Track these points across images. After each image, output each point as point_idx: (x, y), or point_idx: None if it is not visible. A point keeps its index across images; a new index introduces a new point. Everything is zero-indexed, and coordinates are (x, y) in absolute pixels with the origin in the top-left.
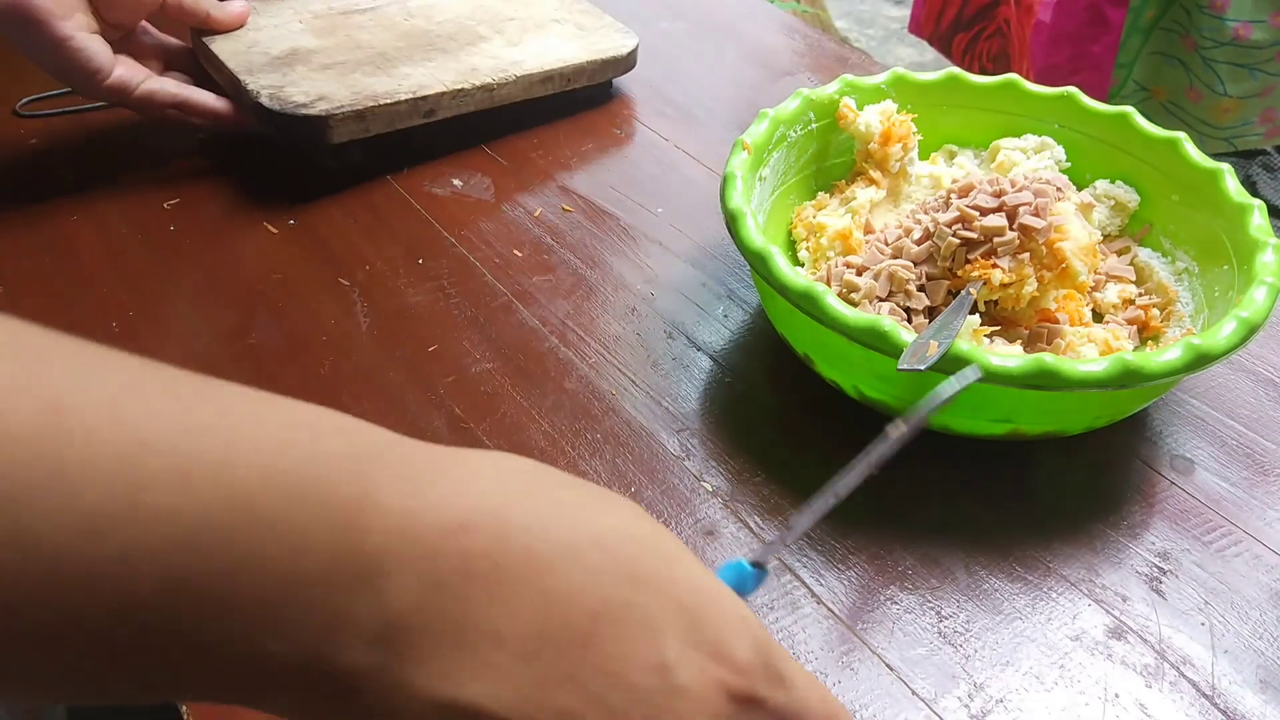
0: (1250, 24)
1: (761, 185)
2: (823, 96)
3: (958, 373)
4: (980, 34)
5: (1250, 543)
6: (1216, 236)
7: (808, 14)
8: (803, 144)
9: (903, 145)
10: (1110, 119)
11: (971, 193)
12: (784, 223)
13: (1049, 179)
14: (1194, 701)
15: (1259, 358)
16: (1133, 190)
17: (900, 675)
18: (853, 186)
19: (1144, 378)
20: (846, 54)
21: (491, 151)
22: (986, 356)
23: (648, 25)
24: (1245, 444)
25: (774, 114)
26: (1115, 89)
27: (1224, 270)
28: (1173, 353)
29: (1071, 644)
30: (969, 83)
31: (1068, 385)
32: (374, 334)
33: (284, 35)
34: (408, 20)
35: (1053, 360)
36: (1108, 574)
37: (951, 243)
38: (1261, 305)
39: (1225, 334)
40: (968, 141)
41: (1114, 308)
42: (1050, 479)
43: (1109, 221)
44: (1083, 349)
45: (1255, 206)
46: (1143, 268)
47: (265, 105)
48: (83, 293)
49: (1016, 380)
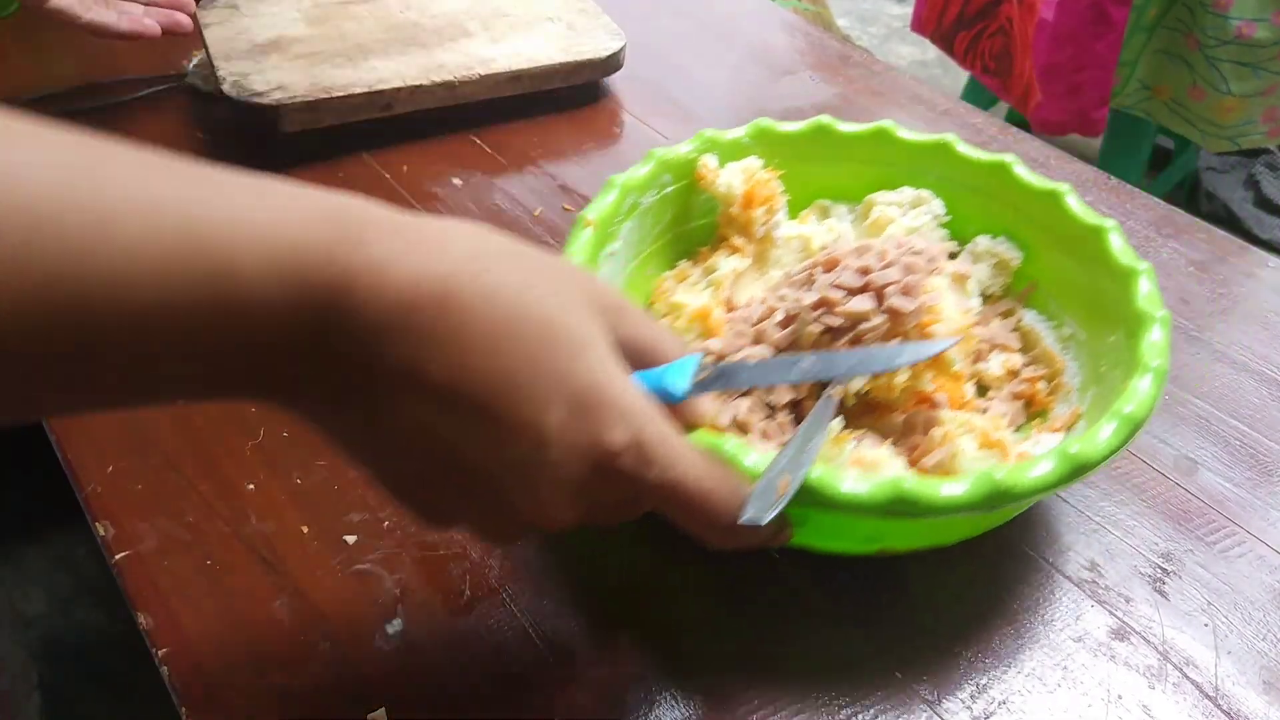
0: (1254, 22)
1: (613, 260)
2: (678, 156)
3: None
4: (982, 32)
5: (1253, 543)
6: (1103, 301)
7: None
8: (658, 210)
9: (767, 208)
10: (989, 169)
11: (837, 267)
12: (644, 295)
13: (921, 248)
14: (1197, 703)
15: (1262, 357)
16: (1015, 247)
17: (903, 677)
18: (716, 254)
19: (1013, 498)
20: (848, 52)
21: (492, 150)
22: (838, 484)
23: (649, 23)
24: (1248, 444)
25: (622, 181)
26: (1118, 87)
27: (1111, 342)
28: (1044, 466)
29: (1074, 645)
30: (838, 133)
31: (929, 512)
32: None
33: (275, 23)
34: (403, 13)
35: (911, 485)
36: (1110, 574)
37: (812, 331)
38: (1145, 397)
39: (1104, 437)
40: (842, 194)
41: (998, 380)
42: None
43: (991, 281)
44: (960, 440)
45: (1143, 271)
46: (1028, 332)
47: (226, 92)
48: None
49: (873, 510)
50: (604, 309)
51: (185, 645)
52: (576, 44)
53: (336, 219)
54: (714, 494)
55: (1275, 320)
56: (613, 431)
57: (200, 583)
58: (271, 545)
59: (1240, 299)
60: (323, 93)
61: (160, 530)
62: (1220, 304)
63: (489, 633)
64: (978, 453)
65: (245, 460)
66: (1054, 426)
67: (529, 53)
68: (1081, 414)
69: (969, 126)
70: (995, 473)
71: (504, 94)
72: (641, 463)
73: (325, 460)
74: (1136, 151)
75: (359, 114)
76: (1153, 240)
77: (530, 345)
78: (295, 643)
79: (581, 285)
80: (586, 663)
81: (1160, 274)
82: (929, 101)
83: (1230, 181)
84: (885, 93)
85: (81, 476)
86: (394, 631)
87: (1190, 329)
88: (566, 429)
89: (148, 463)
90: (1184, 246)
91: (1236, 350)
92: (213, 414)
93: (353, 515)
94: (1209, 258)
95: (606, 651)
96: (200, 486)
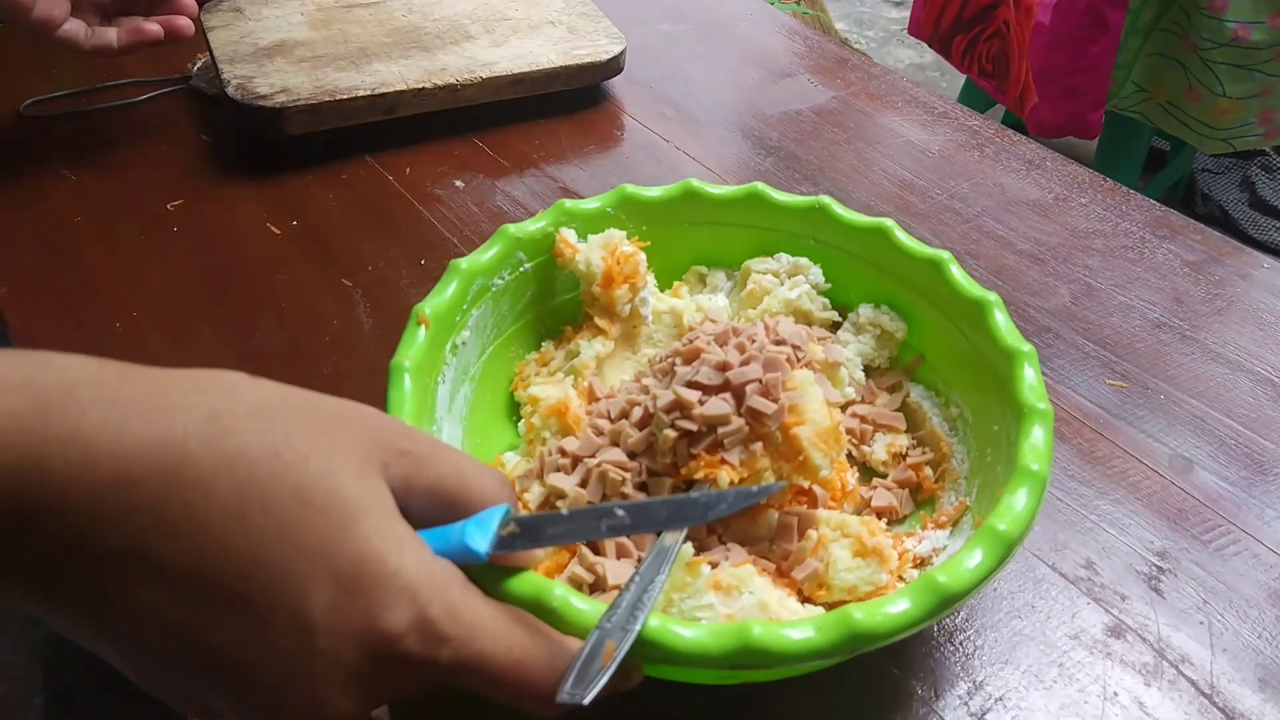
0: (1249, 25)
1: (464, 350)
2: (533, 232)
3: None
4: (979, 36)
5: (1249, 542)
6: (986, 383)
7: (808, 15)
8: (517, 288)
9: (630, 285)
10: (866, 233)
11: (695, 361)
12: (506, 381)
13: (787, 335)
14: (1193, 700)
15: (1257, 357)
16: (899, 317)
17: (900, 674)
18: (579, 335)
19: (873, 641)
20: (846, 55)
21: (493, 152)
22: (677, 634)
23: (648, 27)
24: (1244, 443)
25: (466, 266)
26: (1114, 90)
27: (995, 431)
28: (903, 603)
29: (1070, 642)
30: (708, 195)
31: (779, 662)
32: (377, 334)
33: (280, 27)
34: (406, 16)
35: (759, 634)
36: (1106, 573)
37: (668, 436)
38: (1021, 512)
39: (974, 564)
40: (719, 259)
41: (884, 464)
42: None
43: (876, 353)
44: (833, 548)
45: (1026, 354)
46: (915, 410)
47: (230, 95)
48: (86, 293)
49: (718, 663)
50: (395, 458)
51: None
52: (577, 47)
53: (34, 384)
54: (525, 665)
55: (1270, 320)
56: (390, 612)
57: None
58: None
59: (1235, 299)
60: (326, 95)
61: None
62: (1215, 304)
63: None
64: (852, 562)
65: None
66: (940, 521)
67: (530, 56)
68: (968, 507)
69: (966, 129)
70: (853, 612)
71: (506, 97)
72: (430, 643)
73: None
74: (1132, 153)
75: (362, 116)
76: (1148, 241)
77: (282, 519)
78: None
79: (360, 437)
80: None
81: (1155, 275)
82: (926, 104)
83: (1226, 183)
84: (883, 96)
85: None
86: None
87: (1185, 329)
88: (335, 612)
89: None
90: (1179, 248)
91: (1231, 350)
92: None
93: None
94: (1204, 259)
95: None
96: None
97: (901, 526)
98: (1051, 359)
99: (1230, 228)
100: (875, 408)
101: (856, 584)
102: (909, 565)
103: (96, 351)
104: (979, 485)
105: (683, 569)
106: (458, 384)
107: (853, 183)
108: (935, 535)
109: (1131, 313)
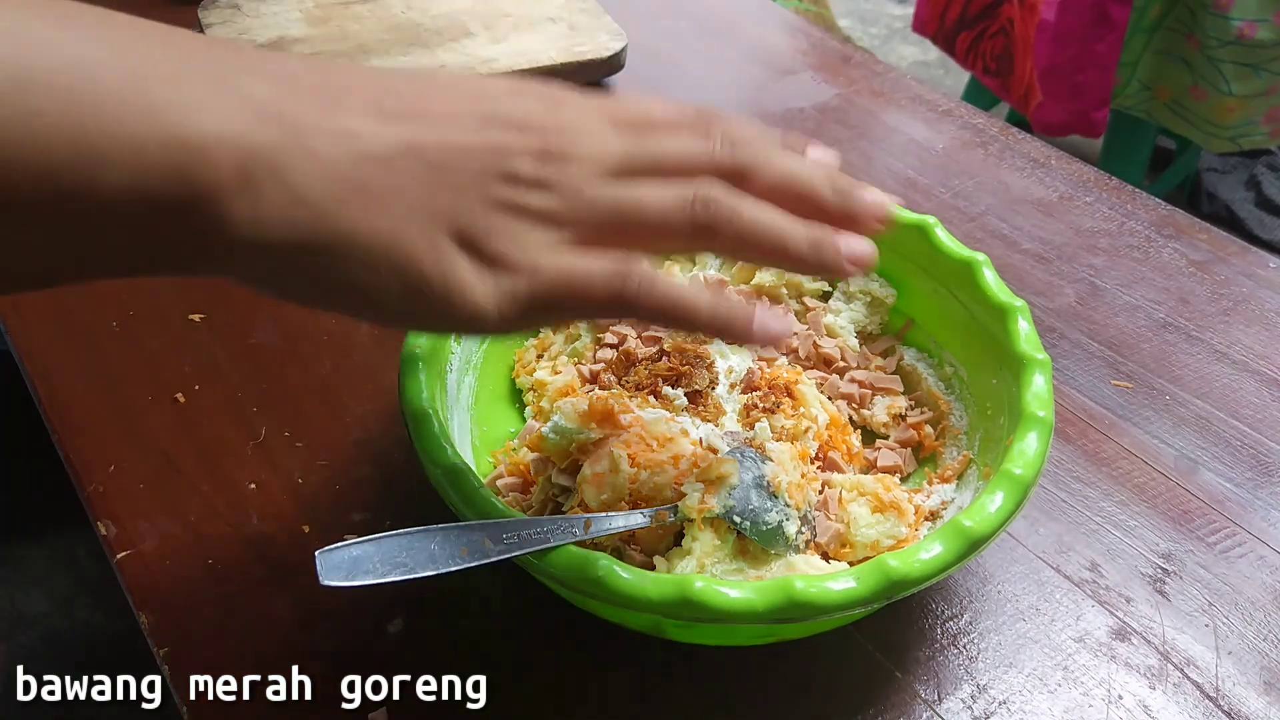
0: (1255, 23)
1: (466, 340)
2: None
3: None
4: (984, 33)
5: (1254, 544)
6: (980, 341)
7: (811, 12)
8: None
9: None
10: None
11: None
12: (505, 367)
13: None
14: (1198, 703)
15: (1263, 357)
16: (888, 284)
17: (903, 677)
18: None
19: (908, 585)
20: (850, 53)
21: None
22: (723, 593)
23: (650, 24)
24: (1249, 444)
25: None
26: (1119, 88)
27: (993, 385)
28: (935, 548)
29: (1075, 645)
30: None
31: (823, 612)
32: (375, 334)
33: (278, 23)
34: (405, 12)
35: (802, 588)
36: (1111, 575)
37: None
38: (1034, 456)
39: (995, 507)
40: None
41: (884, 426)
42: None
43: (867, 320)
44: (852, 506)
45: (1019, 308)
46: (910, 372)
47: None
48: (82, 292)
49: (764, 618)
50: None
51: (185, 645)
52: (578, 44)
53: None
54: None
55: (1277, 320)
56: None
57: (201, 582)
58: (272, 545)
59: (1241, 299)
60: None
61: (161, 530)
62: (1221, 304)
63: None
64: (872, 518)
65: (246, 460)
66: (945, 475)
67: (530, 53)
68: (972, 459)
69: (970, 127)
70: (888, 560)
71: None
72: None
73: (326, 460)
74: (1137, 152)
75: None
76: (1154, 241)
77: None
78: (296, 643)
79: None
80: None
81: (1161, 274)
82: (930, 102)
83: (1231, 182)
84: (886, 93)
85: (84, 476)
86: (395, 631)
87: (1191, 329)
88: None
89: (149, 462)
90: (1185, 247)
91: (1237, 350)
92: (214, 413)
93: (354, 515)
94: (1210, 258)
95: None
96: (201, 486)
97: (907, 484)
98: (1056, 359)
99: (1236, 227)
100: (871, 372)
101: (878, 538)
102: (922, 520)
103: (93, 351)
104: (980, 438)
105: (711, 535)
106: (463, 374)
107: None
108: (942, 489)
109: (1137, 312)
